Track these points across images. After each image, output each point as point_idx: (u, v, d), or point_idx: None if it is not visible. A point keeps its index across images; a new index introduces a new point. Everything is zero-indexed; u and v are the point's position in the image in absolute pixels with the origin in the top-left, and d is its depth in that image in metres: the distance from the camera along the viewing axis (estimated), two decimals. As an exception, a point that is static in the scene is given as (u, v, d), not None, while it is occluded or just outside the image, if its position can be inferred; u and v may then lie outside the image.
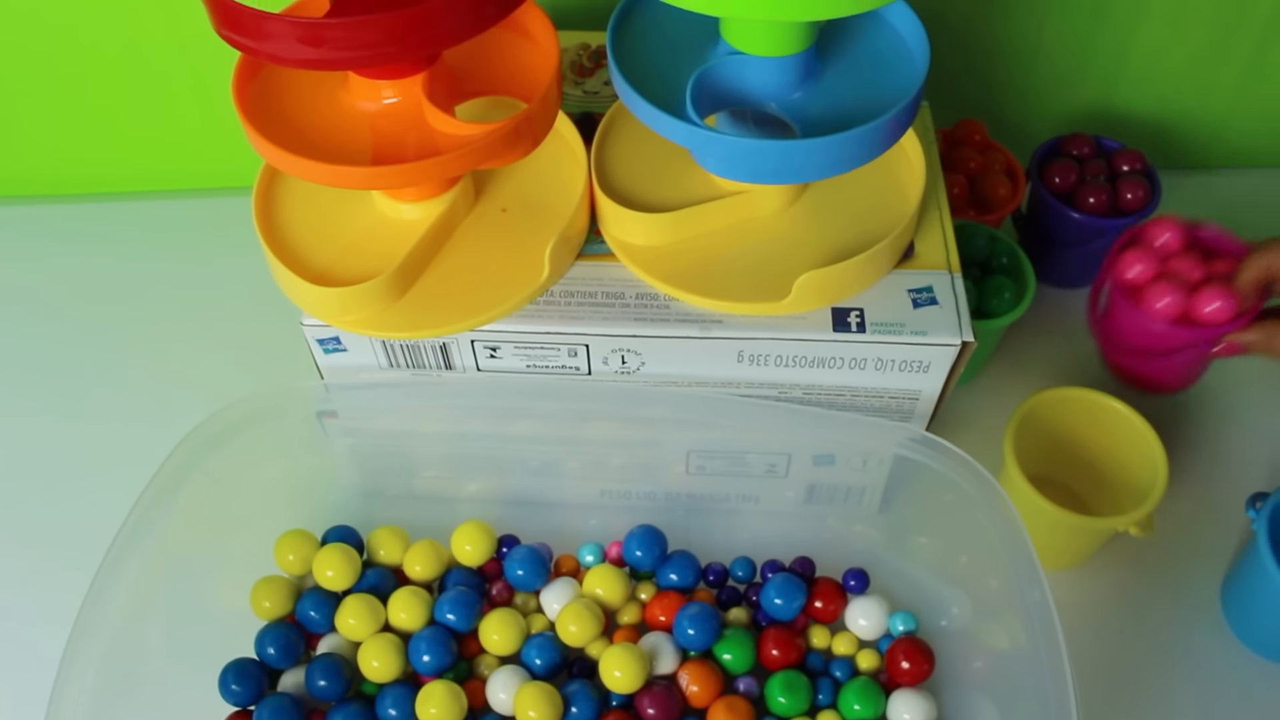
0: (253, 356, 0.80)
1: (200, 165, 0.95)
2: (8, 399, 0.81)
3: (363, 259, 0.61)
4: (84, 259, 0.90)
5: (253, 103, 0.57)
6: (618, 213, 0.62)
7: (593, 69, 0.74)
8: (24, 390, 0.81)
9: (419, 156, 0.54)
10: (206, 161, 0.95)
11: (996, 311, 0.74)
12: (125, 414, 0.79)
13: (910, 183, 0.65)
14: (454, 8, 0.49)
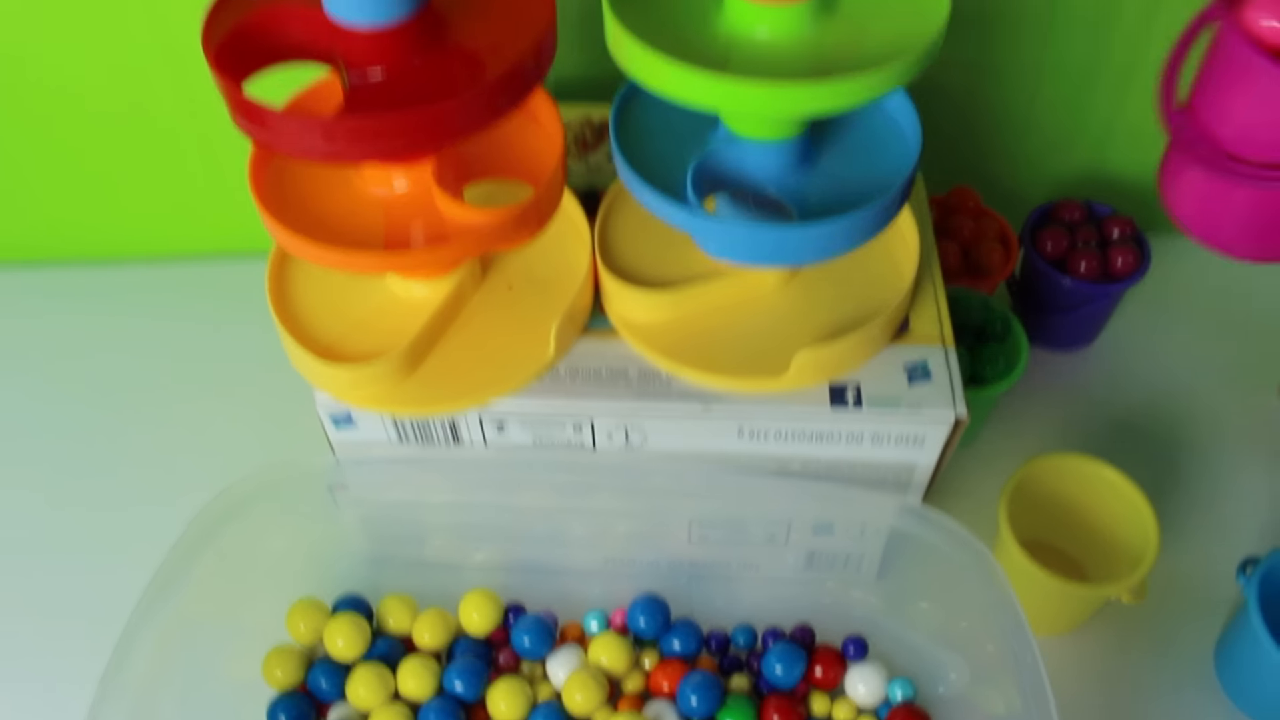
0: (261, 423, 0.82)
1: (208, 230, 0.97)
2: (16, 466, 0.82)
3: (373, 336, 0.63)
4: (92, 325, 0.92)
5: (268, 189, 0.59)
6: (621, 290, 0.64)
7: (595, 143, 0.76)
8: (30, 458, 0.83)
9: (430, 241, 0.56)
10: (214, 226, 0.97)
11: (991, 379, 0.75)
12: (137, 483, 0.80)
13: (905, 258, 0.67)
14: (466, 105, 0.51)
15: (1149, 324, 0.89)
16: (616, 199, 0.69)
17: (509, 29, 0.56)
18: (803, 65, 0.53)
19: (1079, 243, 0.83)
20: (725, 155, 0.59)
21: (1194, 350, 0.88)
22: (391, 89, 0.53)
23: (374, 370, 0.60)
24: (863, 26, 0.54)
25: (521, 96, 0.54)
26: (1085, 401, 0.85)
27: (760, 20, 0.54)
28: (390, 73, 0.53)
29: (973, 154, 0.91)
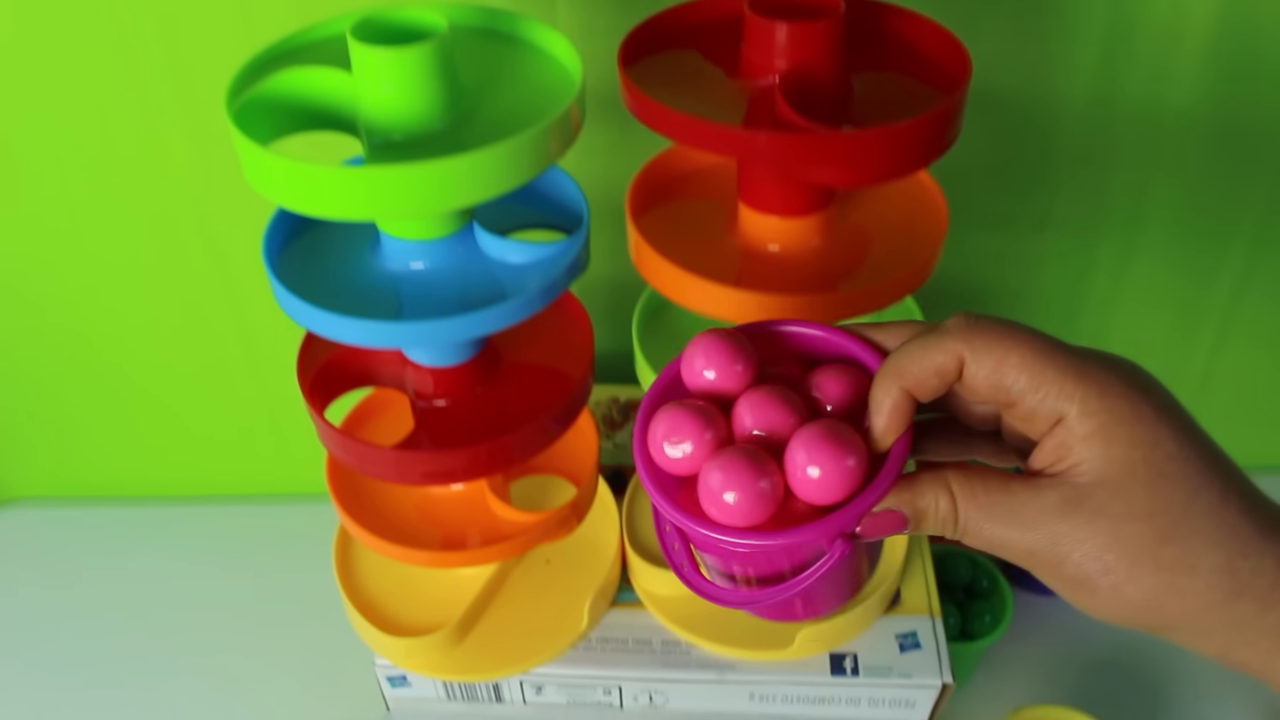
0: (314, 666, 0.89)
1: (266, 472, 1.06)
2: (65, 708, 0.88)
3: (427, 609, 0.71)
4: (145, 566, 0.99)
5: (342, 485, 0.68)
6: (647, 568, 0.73)
7: (622, 422, 0.86)
8: (78, 700, 0.88)
9: (483, 542, 0.65)
10: (270, 469, 1.06)
11: (978, 634, 0.83)
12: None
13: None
14: (524, 438, 0.61)
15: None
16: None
17: (556, 352, 0.66)
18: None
19: (1057, 501, 0.92)
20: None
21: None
22: (456, 416, 0.63)
23: (430, 642, 0.69)
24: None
25: (571, 421, 0.64)
26: (1069, 644, 0.92)
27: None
28: (454, 402, 0.63)
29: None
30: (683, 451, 0.40)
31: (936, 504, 0.39)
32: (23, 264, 0.88)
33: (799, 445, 0.38)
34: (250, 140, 0.49)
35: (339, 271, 0.58)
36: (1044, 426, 0.38)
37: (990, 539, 0.39)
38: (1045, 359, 0.37)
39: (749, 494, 0.38)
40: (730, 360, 0.41)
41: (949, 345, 0.38)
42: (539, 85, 0.55)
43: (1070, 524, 0.38)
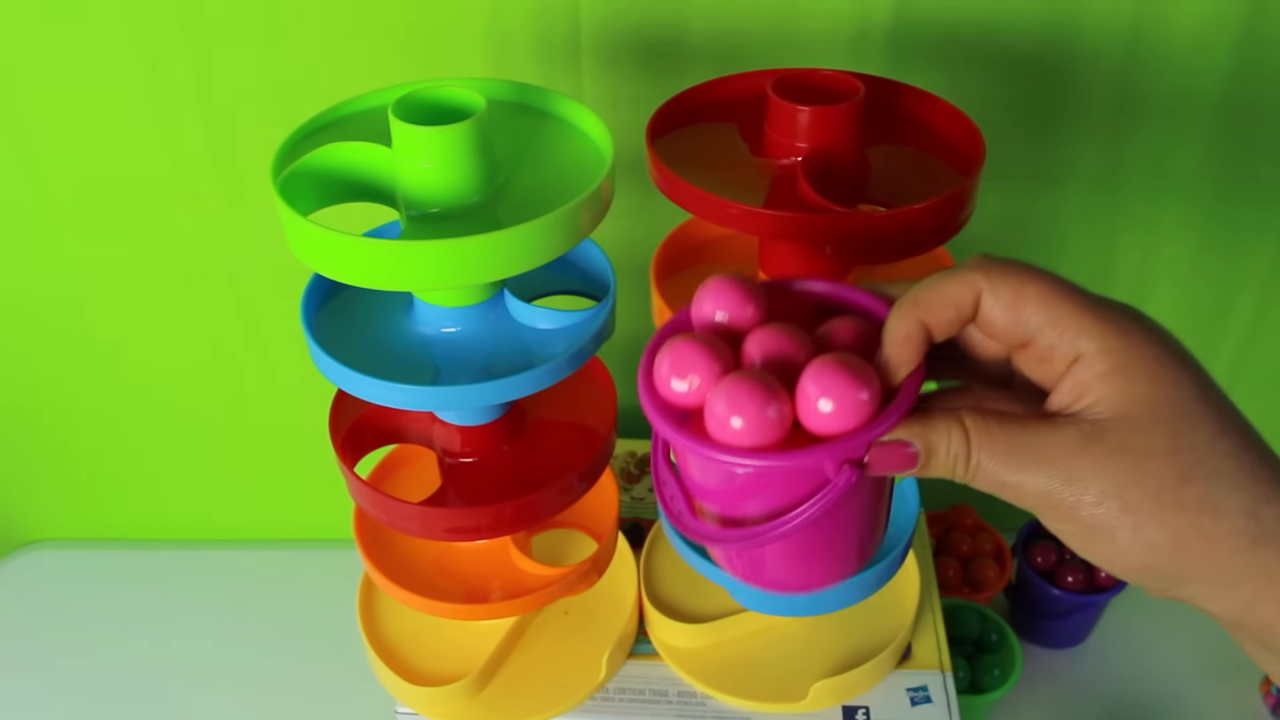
0: (335, 712, 0.90)
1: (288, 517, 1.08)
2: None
3: (449, 659, 0.73)
4: (164, 609, 1.01)
5: (369, 535, 0.70)
6: (663, 621, 0.74)
7: (639, 476, 0.88)
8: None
9: (505, 593, 0.67)
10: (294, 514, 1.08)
11: (988, 687, 0.85)
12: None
13: (907, 589, 0.78)
14: (551, 496, 0.63)
15: (1136, 623, 0.98)
16: (658, 537, 0.80)
17: (580, 411, 0.68)
18: None
19: (1066, 556, 0.94)
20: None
21: (1178, 647, 0.97)
22: (482, 473, 0.65)
23: (451, 691, 0.71)
24: None
25: (595, 479, 0.66)
26: (1077, 698, 0.93)
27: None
28: (482, 460, 0.65)
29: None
30: (689, 384, 0.39)
31: (949, 440, 0.38)
32: (49, 309, 0.90)
33: (811, 376, 0.37)
34: (294, 212, 0.51)
35: (373, 333, 0.60)
36: (1060, 366, 0.38)
37: (1003, 481, 0.38)
38: (1062, 296, 0.37)
39: (756, 419, 0.37)
40: (741, 302, 0.41)
41: (966, 277, 0.38)
42: (570, 159, 0.57)
43: (1089, 459, 0.36)
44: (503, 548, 0.70)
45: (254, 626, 0.98)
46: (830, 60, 0.76)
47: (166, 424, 0.99)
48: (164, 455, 1.01)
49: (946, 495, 1.00)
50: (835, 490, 0.38)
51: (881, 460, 0.39)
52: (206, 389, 0.96)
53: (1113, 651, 0.97)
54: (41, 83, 0.77)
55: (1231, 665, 0.94)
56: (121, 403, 0.97)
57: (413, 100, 0.54)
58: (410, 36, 0.75)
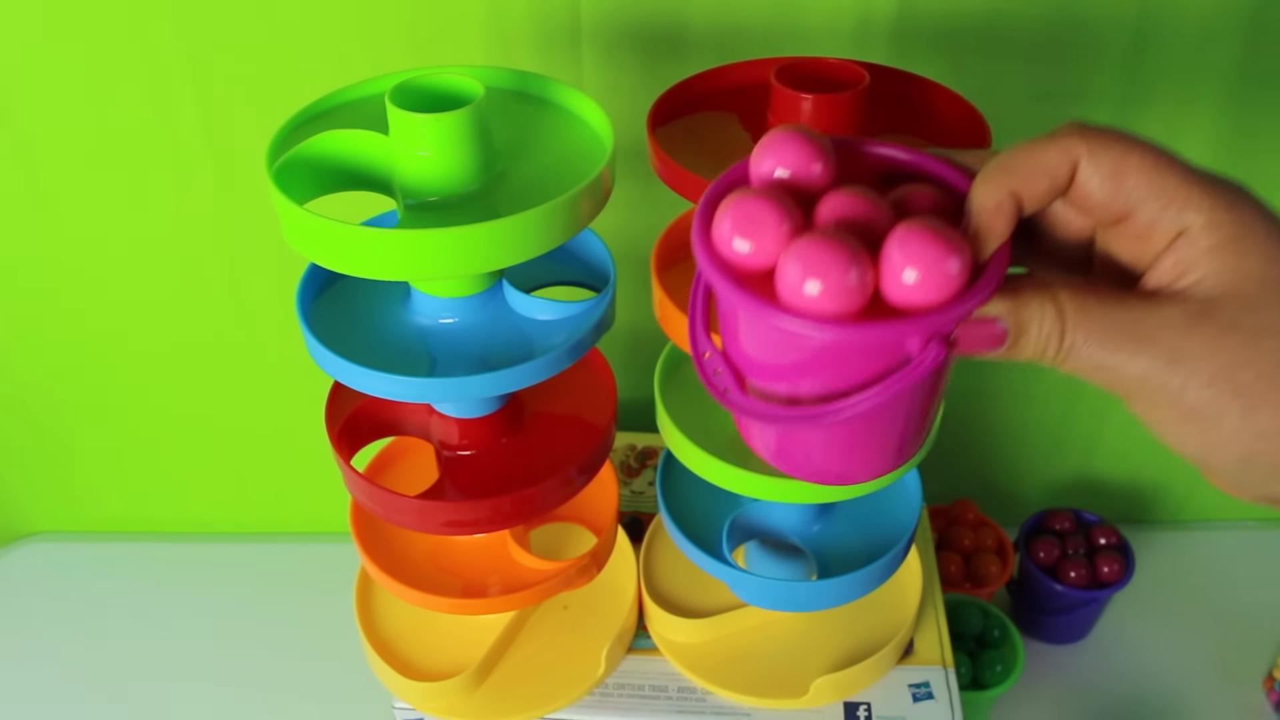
0: (331, 706, 0.90)
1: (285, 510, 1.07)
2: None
3: (447, 653, 0.72)
4: (161, 602, 1.00)
5: (370, 538, 0.70)
6: (663, 616, 0.74)
7: (639, 469, 0.87)
8: None
9: (503, 588, 0.67)
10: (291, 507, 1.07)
11: (990, 683, 0.84)
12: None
13: (909, 584, 0.77)
14: (550, 489, 0.62)
15: (1138, 619, 0.98)
16: (658, 531, 0.79)
17: (579, 403, 0.68)
18: None
19: (1069, 551, 0.93)
20: (755, 510, 0.70)
21: (1181, 644, 0.96)
22: (480, 466, 0.64)
23: (449, 686, 0.70)
24: None
25: (594, 472, 0.65)
26: (1079, 694, 0.93)
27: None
28: (480, 452, 0.64)
29: (970, 464, 1.02)
30: (752, 245, 0.35)
31: (1042, 318, 0.35)
32: (43, 300, 0.89)
33: (896, 242, 0.34)
34: (290, 200, 0.50)
35: (369, 324, 0.59)
36: (1161, 243, 0.35)
37: (1098, 363, 0.35)
38: (1167, 166, 0.34)
39: (837, 284, 0.33)
40: (808, 158, 0.37)
41: (1064, 144, 0.35)
42: (569, 147, 0.57)
43: (1198, 338, 0.34)
44: (501, 542, 0.69)
45: (250, 620, 0.98)
46: (834, 50, 0.75)
47: (162, 416, 0.98)
48: (159, 448, 1.01)
49: (948, 489, 1.00)
50: (919, 369, 0.35)
51: (970, 338, 0.35)
52: (202, 381, 0.95)
53: (1115, 647, 0.96)
54: (35, 69, 0.76)
55: (1234, 661, 0.94)
56: (117, 395, 0.96)
57: (410, 87, 0.53)
58: (409, 24, 0.74)
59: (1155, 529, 1.05)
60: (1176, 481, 1.05)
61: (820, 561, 0.69)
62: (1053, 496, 1.05)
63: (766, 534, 0.71)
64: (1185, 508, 1.07)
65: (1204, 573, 1.03)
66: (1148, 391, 0.35)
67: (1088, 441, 1.01)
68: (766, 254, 0.35)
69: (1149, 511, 1.07)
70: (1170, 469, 1.04)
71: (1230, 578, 1.02)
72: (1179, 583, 1.01)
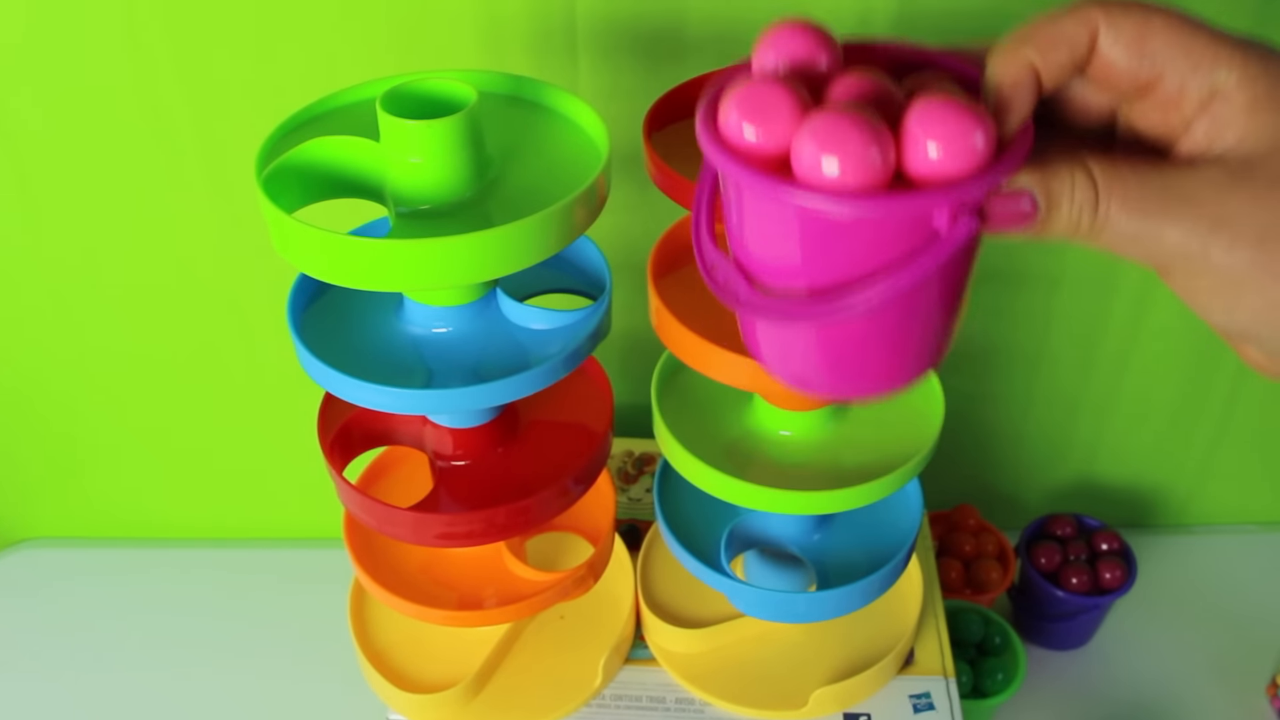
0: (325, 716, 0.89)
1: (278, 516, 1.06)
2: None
3: (442, 663, 0.71)
4: (154, 609, 0.99)
5: (364, 549, 0.69)
6: (661, 626, 0.73)
7: (636, 475, 0.86)
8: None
9: (499, 600, 0.66)
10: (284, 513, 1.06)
11: (991, 691, 0.83)
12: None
13: (910, 593, 0.76)
14: (546, 500, 0.61)
15: (1141, 625, 0.97)
16: (656, 540, 0.78)
17: (575, 411, 0.67)
18: (820, 463, 0.63)
19: (1070, 557, 0.92)
20: (754, 519, 0.69)
21: (1184, 650, 0.95)
22: (475, 476, 0.63)
23: (444, 698, 0.69)
24: (870, 428, 0.65)
25: (591, 482, 0.64)
26: (1081, 702, 0.92)
27: (783, 422, 0.64)
28: (475, 462, 0.63)
29: (971, 469, 1.01)
30: (762, 131, 0.34)
31: (1073, 187, 0.33)
32: (39, 305, 0.88)
33: (917, 115, 0.32)
34: (278, 209, 0.49)
35: (361, 333, 0.58)
36: (1191, 108, 0.33)
37: (1135, 233, 0.33)
38: (1193, 28, 0.33)
39: (857, 159, 0.31)
40: (813, 49, 0.35)
41: (1081, 14, 0.33)
42: (564, 153, 0.56)
43: (1240, 198, 0.32)
44: (496, 552, 0.69)
45: (245, 627, 0.97)
46: (832, 52, 0.74)
47: (157, 421, 0.97)
48: (155, 453, 1.00)
49: (949, 494, 0.99)
50: (950, 243, 0.33)
51: (1000, 213, 0.34)
52: (200, 385, 0.94)
53: (1117, 654, 0.96)
54: (26, 75, 0.75)
55: (1237, 668, 0.93)
56: (112, 400, 0.95)
57: (401, 93, 0.52)
58: (401, 26, 0.73)
59: (1157, 533, 1.04)
60: (1178, 485, 1.04)
61: (820, 571, 0.68)
62: (1054, 501, 1.04)
63: (765, 543, 0.70)
64: (1187, 511, 1.06)
65: (1206, 577, 1.02)
66: (1188, 259, 0.33)
67: (1089, 445, 1.00)
68: (778, 139, 0.33)
69: (1151, 515, 1.06)
70: (1172, 472, 1.03)
71: (1233, 582, 1.01)
72: (1181, 588, 1.00)
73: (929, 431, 0.64)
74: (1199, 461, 1.01)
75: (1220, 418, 0.97)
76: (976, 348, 0.93)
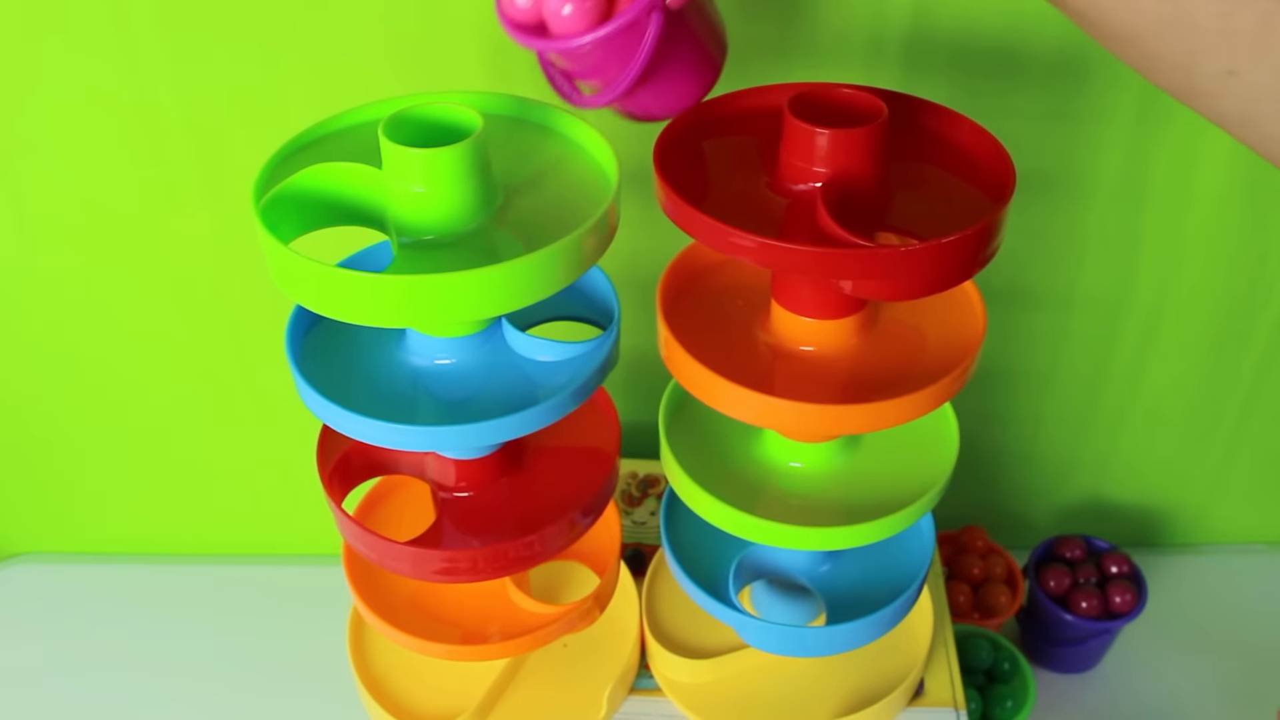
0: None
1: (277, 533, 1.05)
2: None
3: (443, 691, 0.70)
4: (150, 626, 0.97)
5: (363, 579, 0.67)
6: (666, 655, 0.71)
7: (640, 498, 0.84)
8: None
9: (503, 633, 0.64)
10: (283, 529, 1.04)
11: (1000, 719, 0.82)
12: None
13: (920, 622, 0.74)
14: (552, 535, 0.59)
15: (1151, 648, 0.96)
16: (662, 566, 0.77)
17: (582, 439, 0.65)
18: (831, 497, 0.61)
19: (1080, 580, 0.90)
20: (763, 550, 0.68)
21: (1194, 674, 0.94)
22: (479, 508, 0.61)
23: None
24: (883, 460, 0.63)
25: (599, 514, 0.62)
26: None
27: (793, 454, 0.63)
28: (478, 494, 0.62)
29: (979, 489, 0.99)
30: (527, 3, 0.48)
31: None
32: (34, 319, 0.87)
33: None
34: (276, 240, 0.48)
35: (362, 363, 0.57)
36: None
37: None
38: None
39: (580, 5, 0.47)
40: None
41: None
42: (573, 179, 0.54)
43: None
44: (500, 583, 0.67)
45: (240, 646, 0.95)
46: (845, 69, 0.72)
47: (151, 438, 0.96)
48: (149, 470, 0.98)
49: (956, 515, 0.97)
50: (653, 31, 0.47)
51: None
52: (194, 403, 0.93)
53: (1126, 676, 0.94)
54: (22, 94, 0.73)
55: (1246, 693, 0.92)
56: (105, 416, 0.94)
57: (404, 119, 0.50)
58: (405, 44, 0.71)
59: (1166, 552, 1.03)
60: (1188, 503, 1.03)
61: (829, 603, 0.66)
62: (1062, 520, 1.02)
63: (774, 574, 0.68)
64: (1197, 530, 1.05)
65: (1216, 599, 1.00)
66: None
67: (1099, 464, 0.99)
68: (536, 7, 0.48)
69: (1160, 535, 1.04)
70: (1182, 491, 1.02)
71: (1243, 603, 1.00)
72: (1191, 608, 0.99)
73: (944, 463, 0.62)
74: (1210, 479, 1.00)
75: (1231, 435, 0.96)
76: (986, 368, 0.91)
